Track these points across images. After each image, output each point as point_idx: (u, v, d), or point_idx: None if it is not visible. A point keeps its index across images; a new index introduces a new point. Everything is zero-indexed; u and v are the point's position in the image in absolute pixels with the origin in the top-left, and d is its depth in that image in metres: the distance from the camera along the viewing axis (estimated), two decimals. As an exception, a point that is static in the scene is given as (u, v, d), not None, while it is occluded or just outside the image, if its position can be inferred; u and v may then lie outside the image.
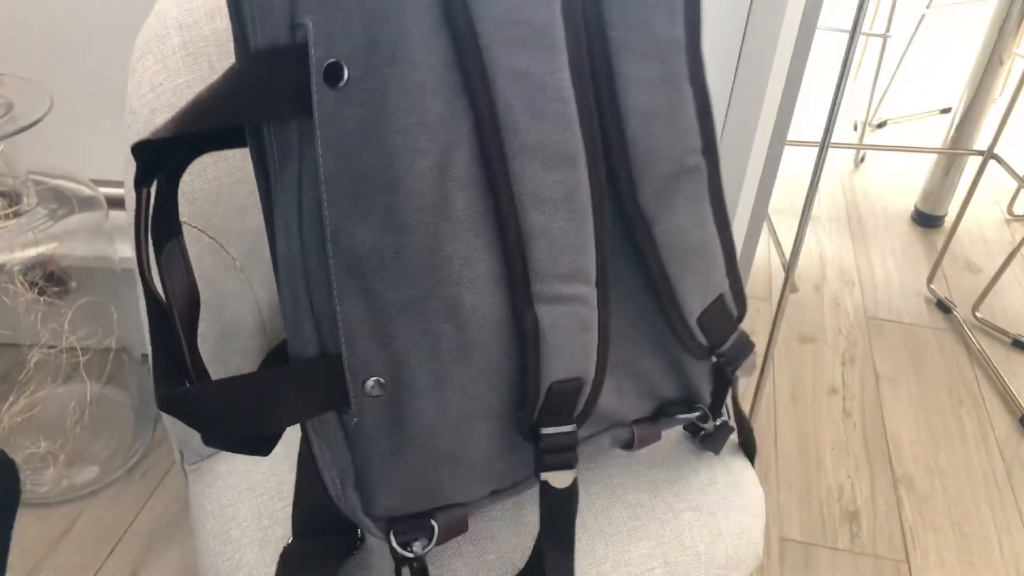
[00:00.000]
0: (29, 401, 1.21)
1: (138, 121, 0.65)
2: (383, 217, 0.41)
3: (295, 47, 0.40)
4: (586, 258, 0.47)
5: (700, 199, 0.51)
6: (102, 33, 1.09)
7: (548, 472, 0.50)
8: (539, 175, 0.44)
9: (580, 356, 0.48)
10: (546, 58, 0.43)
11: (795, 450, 1.29)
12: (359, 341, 0.43)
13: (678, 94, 0.48)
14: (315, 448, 0.47)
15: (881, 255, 1.77)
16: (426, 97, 0.41)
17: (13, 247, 0.98)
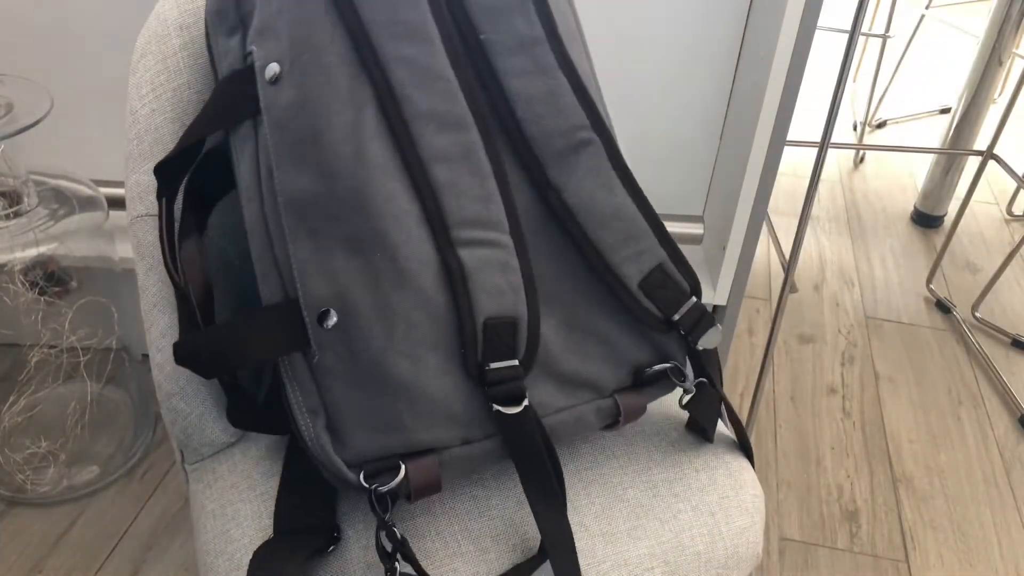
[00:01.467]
0: (30, 401, 1.21)
1: (138, 121, 0.65)
2: (316, 167, 0.53)
3: (247, 69, 0.56)
4: (494, 207, 0.56)
5: (602, 168, 0.59)
6: (102, 33, 1.10)
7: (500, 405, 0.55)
8: (436, 137, 0.55)
9: (508, 295, 0.56)
10: (425, 47, 0.55)
11: (795, 450, 1.30)
12: (310, 279, 0.53)
13: (552, 80, 0.58)
14: (288, 392, 0.54)
15: (880, 255, 1.77)
16: (334, 72, 0.54)
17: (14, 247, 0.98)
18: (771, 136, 1.00)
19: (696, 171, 1.19)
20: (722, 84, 1.12)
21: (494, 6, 0.58)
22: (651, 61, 1.10)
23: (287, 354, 0.53)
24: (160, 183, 0.61)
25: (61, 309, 1.09)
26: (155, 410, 1.27)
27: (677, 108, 1.14)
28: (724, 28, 1.07)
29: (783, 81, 0.96)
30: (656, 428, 0.68)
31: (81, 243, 1.02)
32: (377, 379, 0.53)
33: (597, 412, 0.60)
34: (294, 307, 0.53)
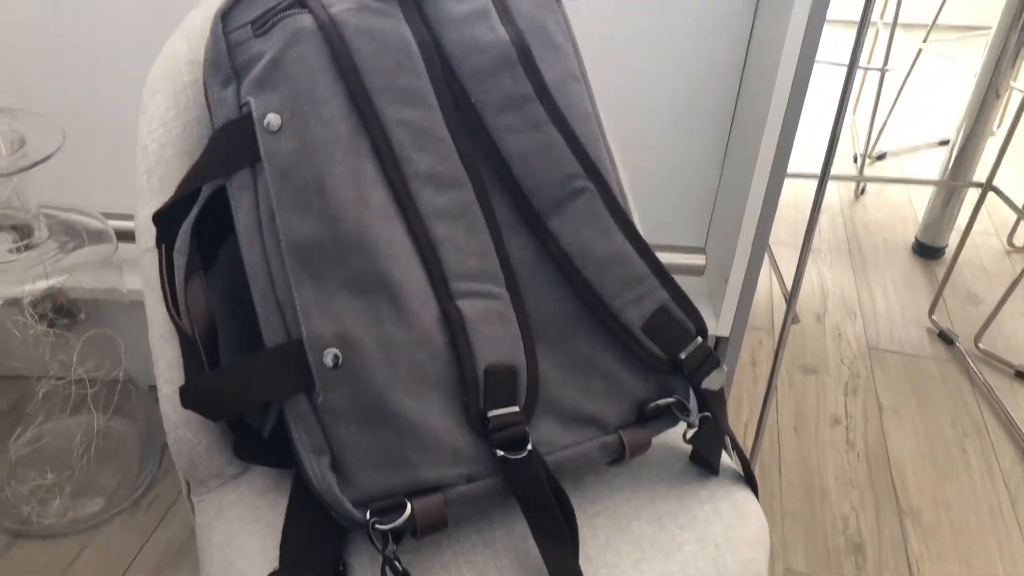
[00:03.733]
0: (36, 433, 1.21)
1: (148, 156, 0.67)
2: (319, 213, 0.55)
3: (243, 118, 0.58)
4: (489, 261, 0.59)
5: (599, 215, 0.60)
6: (114, 69, 1.11)
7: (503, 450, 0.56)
8: (434, 196, 0.58)
9: (507, 343, 0.57)
10: (424, 112, 0.59)
11: (799, 481, 1.29)
12: (314, 320, 0.54)
13: (544, 135, 0.60)
14: (293, 433, 0.54)
15: (882, 286, 1.78)
16: (336, 123, 0.56)
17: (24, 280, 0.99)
18: (771, 168, 1.01)
19: (698, 203, 1.21)
20: (722, 117, 1.13)
21: (483, 69, 0.60)
22: (652, 94, 1.12)
23: (292, 395, 0.54)
24: (159, 230, 0.62)
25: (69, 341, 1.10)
26: (161, 441, 1.27)
27: (678, 140, 1.15)
28: (724, 61, 1.09)
29: (783, 114, 0.97)
30: (660, 460, 0.68)
31: (90, 275, 1.03)
32: (381, 417, 0.54)
33: (602, 449, 0.61)
34: (298, 348, 0.54)
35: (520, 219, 0.61)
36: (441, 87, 0.60)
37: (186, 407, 0.56)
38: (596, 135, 0.63)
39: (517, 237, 0.61)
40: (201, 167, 0.60)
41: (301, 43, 0.58)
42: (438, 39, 0.61)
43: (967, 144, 1.70)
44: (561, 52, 0.63)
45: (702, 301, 1.21)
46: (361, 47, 0.58)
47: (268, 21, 0.59)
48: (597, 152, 0.62)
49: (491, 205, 0.60)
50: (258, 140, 0.57)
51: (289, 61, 0.57)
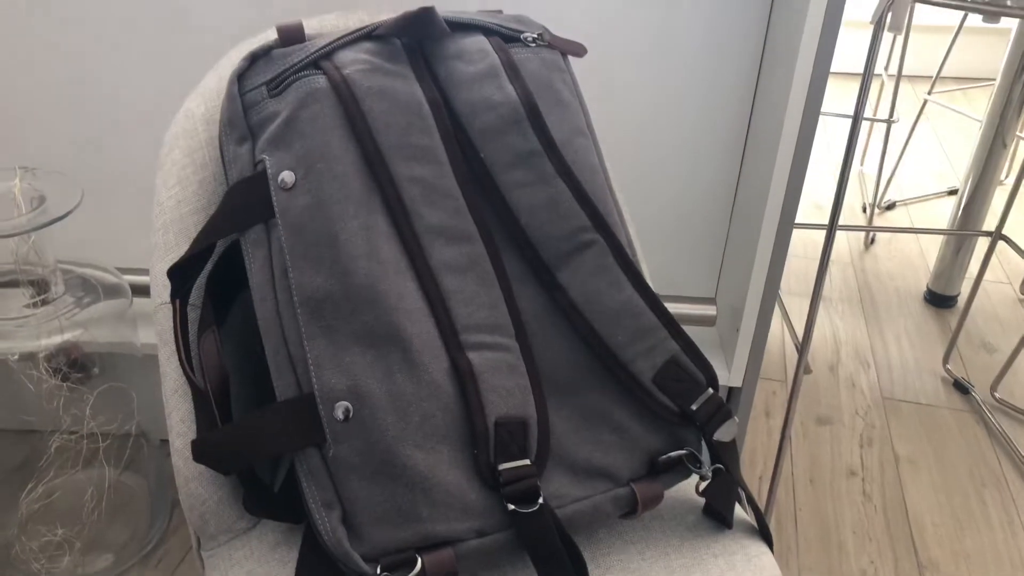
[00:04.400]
0: (47, 488, 1.21)
1: (164, 212, 0.68)
2: (331, 267, 0.56)
3: (258, 175, 0.59)
4: (499, 314, 0.59)
5: (608, 267, 0.61)
6: (131, 128, 1.14)
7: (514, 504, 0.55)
8: (445, 249, 0.59)
9: (517, 395, 0.57)
10: (435, 169, 0.60)
11: (816, 534, 1.27)
12: (325, 373, 0.54)
13: (552, 189, 0.61)
14: (304, 487, 0.54)
15: (895, 335, 1.77)
16: (349, 179, 0.57)
17: (40, 334, 1.00)
18: (780, 219, 1.02)
19: (707, 253, 1.21)
20: (730, 167, 1.14)
21: (492, 127, 0.62)
22: (660, 145, 1.13)
23: (303, 448, 0.54)
24: (174, 285, 0.63)
25: (83, 395, 1.10)
26: (171, 496, 1.27)
27: (686, 192, 1.16)
28: (731, 112, 1.10)
29: (789, 165, 0.98)
30: (673, 513, 0.67)
31: (105, 329, 1.04)
32: (392, 470, 0.54)
33: (614, 501, 0.60)
34: (309, 402, 0.55)
35: (530, 272, 0.62)
36: (451, 144, 0.61)
37: (197, 461, 0.56)
38: (603, 188, 0.64)
39: (527, 289, 0.61)
40: (216, 223, 0.61)
41: (315, 103, 0.59)
42: (448, 98, 0.63)
43: (975, 193, 1.70)
44: (568, 108, 0.64)
45: (713, 351, 1.21)
46: (374, 106, 0.59)
47: (283, 82, 0.61)
48: (605, 205, 0.63)
49: (501, 258, 0.61)
50: (272, 196, 0.58)
51: (303, 120, 0.59)
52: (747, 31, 1.04)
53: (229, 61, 0.71)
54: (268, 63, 0.63)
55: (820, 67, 0.93)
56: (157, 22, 1.05)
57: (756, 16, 1.03)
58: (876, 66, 0.96)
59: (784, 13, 0.98)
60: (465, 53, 0.64)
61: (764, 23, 1.03)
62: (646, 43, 1.05)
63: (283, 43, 0.64)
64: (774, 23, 1.02)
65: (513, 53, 0.65)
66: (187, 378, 0.62)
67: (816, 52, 0.92)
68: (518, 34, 0.67)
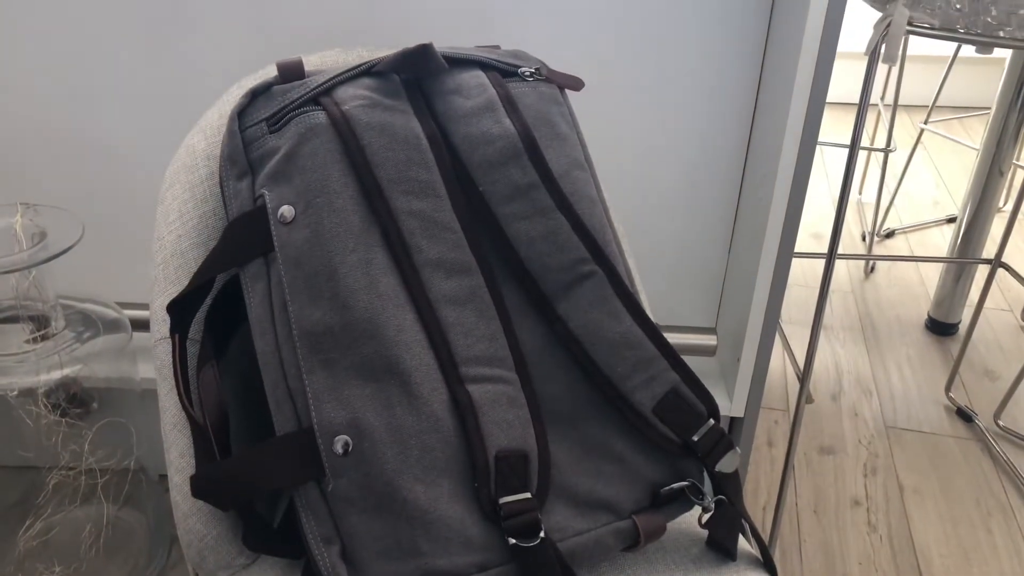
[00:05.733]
0: (45, 524, 1.20)
1: (165, 247, 0.68)
2: (330, 300, 0.56)
3: (258, 210, 0.59)
4: (499, 346, 0.59)
5: (607, 298, 0.61)
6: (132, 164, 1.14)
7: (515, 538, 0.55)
8: (444, 282, 0.59)
9: (517, 428, 0.57)
10: (434, 202, 0.60)
11: (821, 566, 1.26)
12: (325, 407, 0.54)
13: (551, 221, 0.61)
14: (303, 521, 0.54)
15: (897, 363, 1.77)
16: (348, 213, 0.58)
17: (40, 370, 0.99)
18: (779, 249, 1.02)
19: (707, 283, 1.21)
20: (728, 198, 1.15)
21: (490, 161, 0.62)
22: (658, 176, 1.14)
23: (302, 483, 0.54)
24: (173, 319, 0.63)
25: (82, 430, 1.10)
26: (170, 532, 1.26)
27: (685, 222, 1.16)
28: (728, 143, 1.11)
29: (787, 195, 0.99)
30: (676, 545, 0.67)
31: (104, 364, 1.04)
32: (392, 504, 0.53)
33: (616, 534, 0.60)
34: (308, 435, 0.54)
35: (529, 304, 0.62)
36: (450, 178, 0.61)
37: (196, 496, 0.56)
38: (602, 220, 0.64)
39: (526, 321, 0.61)
40: (215, 257, 0.61)
41: (315, 138, 0.60)
42: (447, 133, 0.63)
43: (974, 221, 1.71)
44: (566, 141, 0.65)
45: (714, 382, 1.21)
46: (372, 141, 0.60)
47: (283, 118, 0.61)
48: (603, 236, 0.63)
49: (500, 290, 0.61)
50: (272, 231, 0.58)
51: (303, 155, 0.59)
52: (743, 63, 1.05)
53: (230, 97, 0.72)
54: (268, 99, 0.63)
55: (816, 97, 0.93)
56: (158, 58, 1.07)
57: (752, 48, 1.04)
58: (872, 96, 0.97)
59: (780, 44, 0.99)
60: (463, 88, 0.65)
61: (760, 54, 1.04)
62: (643, 77, 1.06)
63: (283, 79, 0.65)
64: (770, 54, 1.03)
65: (511, 87, 0.66)
66: (186, 413, 0.61)
67: (812, 82, 0.93)
68: (516, 68, 0.68)
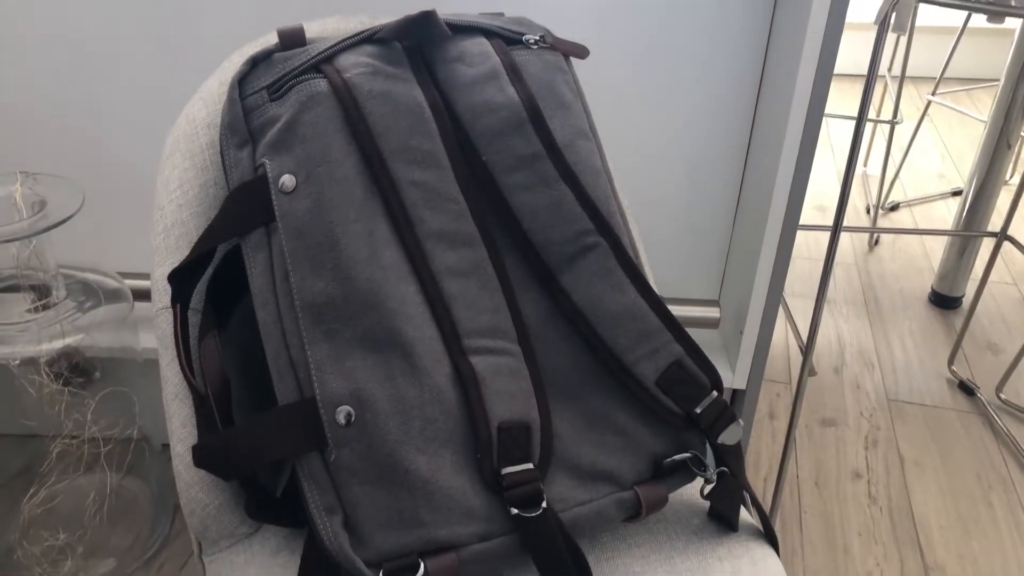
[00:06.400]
0: (50, 492, 1.21)
1: (165, 216, 0.68)
2: (332, 271, 0.55)
3: (258, 180, 0.59)
4: (501, 318, 0.59)
5: (611, 270, 0.61)
6: (132, 133, 1.14)
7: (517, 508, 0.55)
8: (447, 254, 0.58)
9: (520, 400, 0.57)
10: (436, 173, 0.59)
11: (821, 537, 1.27)
12: (327, 377, 0.54)
13: (555, 192, 0.61)
14: (305, 492, 0.54)
15: (900, 337, 1.77)
16: (350, 183, 0.57)
17: (41, 339, 0.99)
18: (783, 220, 1.01)
19: (711, 255, 1.21)
20: (734, 170, 1.14)
21: (494, 130, 0.61)
22: (663, 147, 1.13)
23: (304, 453, 0.54)
24: (174, 289, 0.63)
25: (84, 400, 1.10)
26: (173, 501, 1.27)
27: (690, 194, 1.16)
28: (734, 115, 1.10)
29: (793, 167, 0.98)
30: (678, 516, 0.67)
31: (106, 334, 1.04)
32: (394, 475, 0.53)
33: (618, 505, 0.60)
34: (310, 406, 0.54)
35: (532, 276, 0.61)
36: (453, 148, 0.61)
37: (198, 466, 0.56)
38: (606, 191, 0.63)
39: (529, 293, 0.61)
40: (216, 227, 0.61)
41: (316, 106, 0.59)
42: (450, 101, 0.62)
43: (980, 194, 1.70)
44: (571, 110, 0.64)
45: (717, 354, 1.21)
46: (375, 110, 0.59)
47: (283, 86, 0.61)
48: (608, 207, 0.62)
49: (503, 262, 0.61)
50: (273, 200, 0.58)
51: (304, 124, 0.58)
52: (750, 33, 1.04)
53: (230, 65, 0.71)
54: (269, 67, 0.63)
55: (824, 69, 0.92)
56: (158, 26, 1.05)
57: (759, 18, 1.03)
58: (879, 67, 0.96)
59: (787, 14, 0.97)
60: (466, 56, 0.64)
61: (767, 25, 1.03)
62: (648, 45, 1.05)
63: (284, 47, 0.64)
64: (777, 24, 1.01)
65: (515, 55, 0.65)
66: (188, 383, 0.61)
67: (820, 54, 0.91)
68: (520, 36, 0.67)
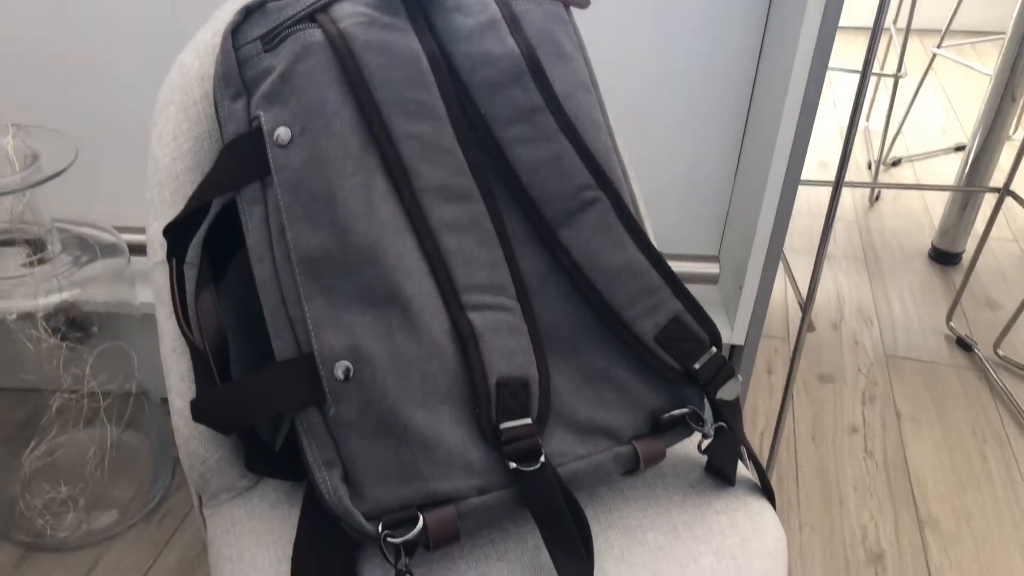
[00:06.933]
0: (50, 446, 1.22)
1: (160, 170, 0.67)
2: (329, 225, 0.55)
3: (253, 132, 0.58)
4: (500, 274, 0.59)
5: (611, 225, 0.60)
6: (125, 85, 1.12)
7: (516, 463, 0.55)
8: (444, 208, 0.58)
9: (519, 356, 0.57)
10: (434, 125, 0.58)
11: (817, 491, 1.28)
12: (325, 332, 0.54)
13: (555, 146, 0.60)
14: (305, 446, 0.54)
15: (899, 293, 1.76)
16: (346, 136, 0.56)
17: (38, 294, 0.99)
18: (785, 176, 1.00)
19: (711, 211, 1.20)
20: (735, 125, 1.12)
21: (492, 82, 0.60)
22: (664, 103, 1.11)
23: (303, 408, 0.54)
24: (170, 244, 0.62)
25: (82, 354, 1.10)
26: (173, 455, 1.28)
27: (691, 149, 1.15)
28: (736, 68, 1.08)
29: (795, 121, 0.97)
30: (675, 470, 0.67)
31: (103, 289, 1.04)
32: (393, 429, 0.54)
33: (616, 459, 0.60)
34: (308, 361, 0.54)
35: (531, 231, 0.61)
36: (451, 100, 0.60)
37: (197, 420, 0.56)
38: (607, 145, 0.62)
39: (528, 249, 0.60)
40: (211, 181, 0.60)
41: (311, 57, 0.58)
42: (447, 52, 0.61)
43: (983, 149, 1.68)
44: (571, 62, 0.63)
45: (716, 310, 1.21)
46: (371, 61, 0.58)
47: (278, 36, 0.59)
48: (608, 162, 0.62)
49: (502, 217, 0.60)
50: (268, 153, 0.57)
51: (299, 75, 0.57)
52: (754, -18, 1.02)
53: (224, 14, 0.69)
54: (263, 16, 0.61)
55: (828, 21, 0.90)
56: (150, -26, 1.03)
57: (763, -34, 1.00)
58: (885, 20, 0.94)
59: (792, -37, 0.95)
60: (464, 5, 0.62)
61: (771, -27, 1.01)
62: None
63: None
64: (782, -27, 0.99)
65: (514, 5, 0.63)
66: (185, 338, 0.61)
67: (824, 5, 0.90)
68: None
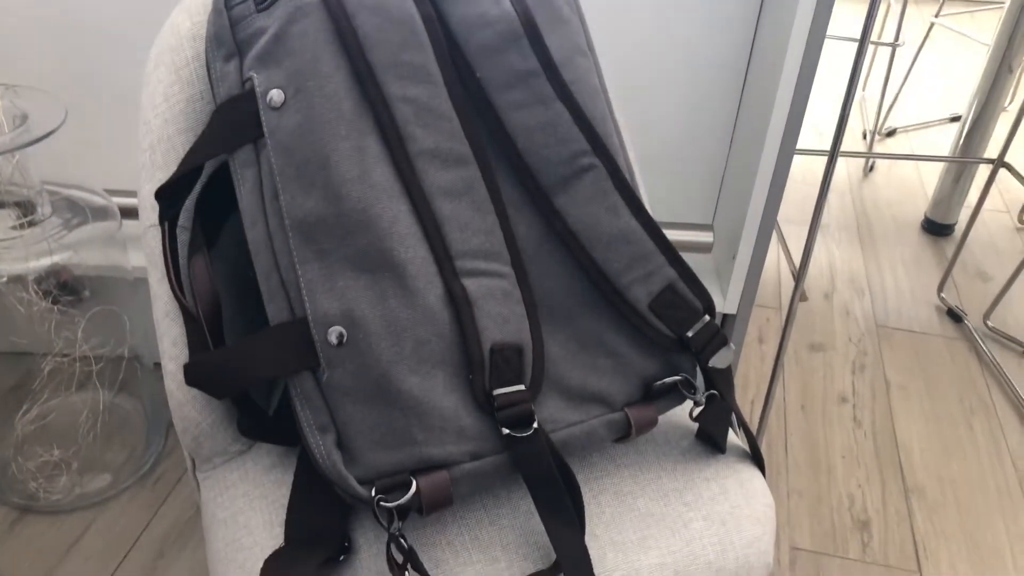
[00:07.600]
0: (42, 409, 1.22)
1: (151, 132, 0.66)
2: (322, 189, 0.54)
3: (246, 94, 0.57)
4: (495, 240, 0.58)
5: (606, 192, 0.60)
6: (116, 45, 1.11)
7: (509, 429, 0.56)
8: (439, 173, 0.57)
9: (512, 322, 0.57)
10: (429, 88, 0.57)
11: (805, 459, 1.29)
12: (318, 296, 0.54)
13: (551, 111, 0.59)
14: (298, 411, 0.54)
15: (891, 263, 1.77)
16: (340, 99, 0.56)
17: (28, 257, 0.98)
18: (780, 145, 1.00)
19: (706, 180, 1.20)
20: (731, 93, 1.12)
21: (488, 45, 0.59)
22: (660, 70, 1.10)
23: (296, 373, 0.54)
24: (161, 207, 0.62)
25: (74, 318, 1.10)
26: (167, 418, 1.28)
27: (686, 117, 1.14)
28: (733, 37, 1.08)
29: (792, 90, 0.96)
30: (666, 437, 0.68)
31: (94, 252, 1.03)
32: (387, 395, 0.54)
33: (608, 426, 0.60)
34: (302, 326, 0.54)
35: (526, 197, 0.60)
36: (446, 63, 0.59)
37: (190, 384, 0.56)
38: (604, 111, 0.62)
39: (523, 215, 0.60)
40: (204, 143, 0.59)
41: (304, 18, 0.57)
42: (443, 14, 0.60)
43: (979, 120, 1.68)
44: (568, 25, 0.62)
45: (709, 278, 1.21)
46: (365, 22, 0.57)
47: None
48: (605, 128, 0.61)
49: (497, 183, 0.60)
50: (261, 116, 0.56)
51: (292, 36, 0.56)
52: (753, -53, 1.00)
53: (214, -28, 0.68)
54: None
55: (827, -14, 0.90)
56: (139, -68, 1.01)
57: (763, -69, 0.99)
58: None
59: (792, -72, 0.94)
60: None
61: (771, -61, 1.00)
62: (648, -41, 1.02)
63: None
64: (781, -61, 0.98)
65: None
66: (178, 302, 0.61)
67: (824, -30, 0.89)
68: None
